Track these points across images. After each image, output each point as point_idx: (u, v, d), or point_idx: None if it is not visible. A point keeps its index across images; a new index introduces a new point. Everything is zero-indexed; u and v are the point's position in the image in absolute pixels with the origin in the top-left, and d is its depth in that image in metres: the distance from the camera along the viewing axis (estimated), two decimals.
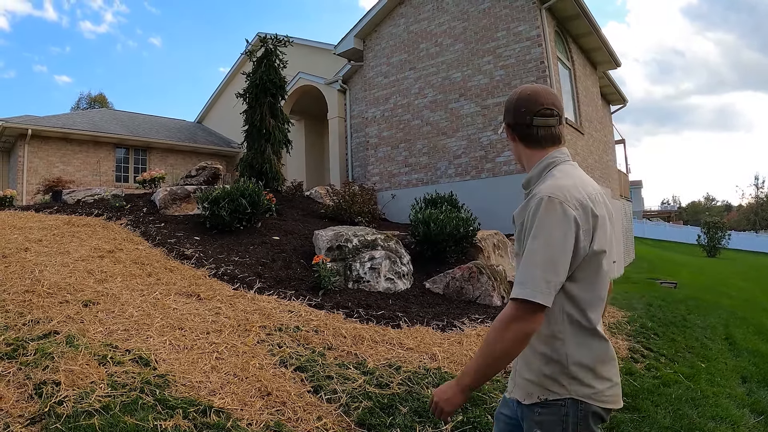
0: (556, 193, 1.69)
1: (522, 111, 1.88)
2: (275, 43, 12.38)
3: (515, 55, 11.29)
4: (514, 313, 1.62)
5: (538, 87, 1.94)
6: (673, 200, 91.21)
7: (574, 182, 1.77)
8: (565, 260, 1.65)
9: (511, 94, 1.97)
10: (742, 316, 9.35)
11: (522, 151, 1.96)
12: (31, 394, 3.24)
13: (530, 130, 1.89)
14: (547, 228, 1.65)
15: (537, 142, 1.90)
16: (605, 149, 15.53)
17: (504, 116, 2.00)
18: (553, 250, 1.64)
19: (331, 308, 5.86)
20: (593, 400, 1.71)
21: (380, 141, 13.78)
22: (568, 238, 1.65)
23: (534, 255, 1.64)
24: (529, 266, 1.63)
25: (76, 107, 48.01)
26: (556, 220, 1.65)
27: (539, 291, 1.59)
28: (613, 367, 1.78)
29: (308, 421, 3.43)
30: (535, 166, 1.90)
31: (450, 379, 4.31)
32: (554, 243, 1.64)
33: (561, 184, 1.74)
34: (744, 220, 63.74)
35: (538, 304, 1.59)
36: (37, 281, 5.35)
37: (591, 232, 1.70)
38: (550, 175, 1.82)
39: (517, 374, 1.89)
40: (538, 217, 1.67)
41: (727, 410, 4.51)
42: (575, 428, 1.70)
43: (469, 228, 8.50)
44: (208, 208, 8.40)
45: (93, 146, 18.16)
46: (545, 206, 1.67)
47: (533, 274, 1.61)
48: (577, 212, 1.67)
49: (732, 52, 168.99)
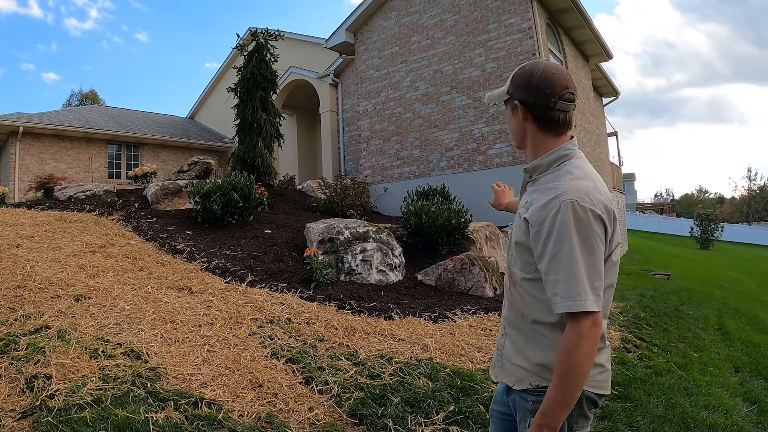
0: (583, 197, 1.64)
1: (547, 91, 1.75)
2: (266, 37, 12.34)
3: (507, 47, 11.29)
4: (577, 329, 1.58)
5: (560, 66, 1.83)
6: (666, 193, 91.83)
7: (595, 184, 1.72)
8: (602, 263, 1.63)
9: (526, 68, 1.83)
10: (735, 307, 9.41)
11: (532, 132, 1.84)
12: (22, 388, 3.25)
13: (551, 113, 1.77)
14: (581, 234, 1.61)
15: (554, 126, 1.80)
16: (598, 142, 15.57)
17: (514, 90, 1.85)
18: (593, 255, 1.61)
19: (322, 300, 5.87)
20: (586, 385, 1.69)
21: (372, 134, 13.77)
22: (601, 242, 1.64)
23: (574, 264, 1.59)
24: (572, 277, 1.58)
25: (67, 104, 47.71)
26: (589, 224, 1.62)
27: (590, 299, 1.57)
28: (605, 353, 1.78)
29: (300, 412, 3.44)
30: (546, 155, 1.82)
31: (442, 369, 4.34)
32: (592, 248, 1.61)
33: (585, 186, 1.68)
34: (737, 212, 64.13)
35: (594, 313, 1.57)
36: (29, 277, 5.34)
37: (612, 233, 1.70)
38: (566, 172, 1.75)
39: (505, 358, 1.87)
40: (567, 222, 1.62)
41: (720, 399, 4.54)
42: (570, 414, 1.69)
43: (461, 220, 8.52)
44: (199, 202, 8.39)
45: (85, 143, 18.09)
46: (574, 210, 1.62)
47: (580, 285, 1.58)
48: (603, 215, 1.65)
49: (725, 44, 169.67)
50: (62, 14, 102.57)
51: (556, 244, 1.62)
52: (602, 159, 15.83)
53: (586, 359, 1.57)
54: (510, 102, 1.89)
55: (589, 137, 14.34)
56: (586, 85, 14.81)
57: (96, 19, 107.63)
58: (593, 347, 1.58)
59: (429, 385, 4.01)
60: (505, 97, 1.91)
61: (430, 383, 4.04)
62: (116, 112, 22.56)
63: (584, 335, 1.56)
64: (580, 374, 1.57)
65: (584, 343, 1.56)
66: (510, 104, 1.89)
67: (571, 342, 1.58)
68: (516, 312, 1.85)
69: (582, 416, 1.73)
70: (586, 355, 1.57)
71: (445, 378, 4.16)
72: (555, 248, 1.63)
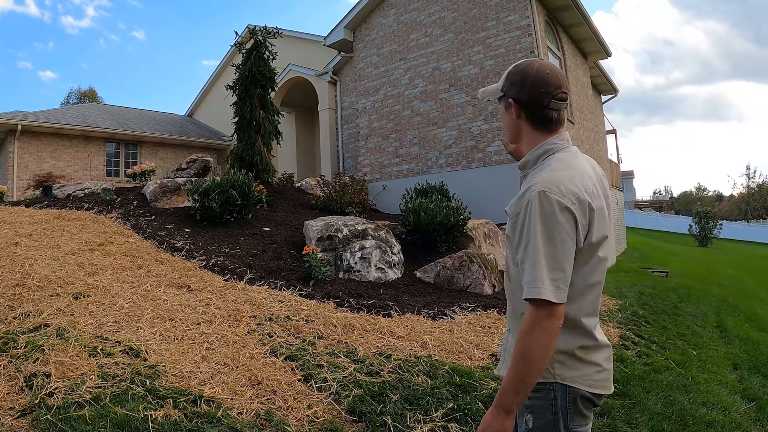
0: (552, 188, 1.65)
1: (541, 91, 1.78)
2: (264, 34, 12.31)
3: (505, 45, 11.28)
4: (532, 315, 1.60)
5: (554, 66, 1.85)
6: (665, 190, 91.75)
7: (571, 174, 1.72)
8: (568, 255, 1.63)
9: (521, 66, 1.84)
10: (734, 305, 9.42)
11: (525, 129, 1.87)
12: (21, 386, 3.25)
13: (544, 112, 1.80)
14: (545, 224, 1.62)
15: (547, 124, 1.82)
16: (596, 139, 15.57)
17: (508, 88, 1.87)
18: (555, 247, 1.62)
19: (321, 298, 5.88)
20: (579, 383, 1.71)
21: (371, 132, 13.76)
22: (567, 234, 1.63)
23: (537, 253, 1.61)
24: (534, 265, 1.61)
25: (66, 102, 47.65)
26: (553, 215, 1.62)
27: (547, 288, 1.57)
28: (602, 353, 1.77)
29: (299, 410, 3.44)
30: (534, 150, 1.84)
31: (441, 366, 4.35)
32: (555, 240, 1.62)
33: (557, 176, 1.69)
34: (736, 209, 64.14)
35: (549, 301, 1.58)
36: (28, 275, 5.34)
37: (587, 226, 1.69)
38: (547, 165, 1.77)
39: (506, 353, 1.89)
40: (534, 212, 1.64)
41: (719, 396, 4.54)
42: (564, 411, 1.70)
43: (459, 217, 8.52)
44: (198, 200, 8.38)
45: (83, 141, 18.05)
46: (541, 201, 1.63)
47: (539, 273, 1.59)
48: (573, 206, 1.65)
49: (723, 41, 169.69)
50: (59, 12, 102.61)
51: (527, 235, 1.66)
52: (601, 156, 15.82)
53: (538, 348, 1.58)
54: (504, 99, 1.91)
55: (588, 135, 14.34)
56: (585, 83, 14.80)
57: (93, 17, 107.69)
58: (547, 338, 1.59)
59: (428, 382, 4.02)
60: (499, 94, 1.92)
61: (428, 380, 4.04)
62: (115, 110, 22.51)
63: (538, 323, 1.59)
64: (530, 361, 1.59)
65: (537, 331, 1.58)
66: (504, 101, 1.91)
67: (525, 327, 1.61)
68: (512, 305, 1.87)
69: (578, 414, 1.73)
70: (537, 343, 1.58)
71: (444, 375, 4.16)
72: (526, 239, 1.66)
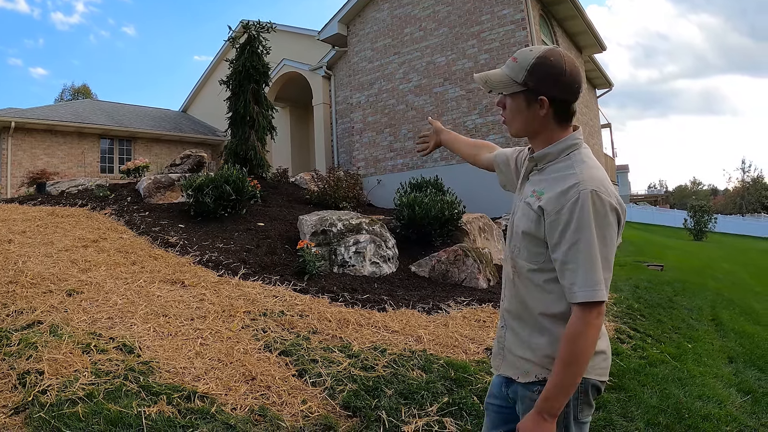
0: (601, 188, 1.64)
1: (576, 87, 1.75)
2: (258, 29, 12.26)
3: (500, 38, 11.28)
4: (583, 317, 1.61)
5: (574, 60, 1.82)
6: (660, 184, 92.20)
7: (605, 175, 1.73)
8: (613, 256, 1.66)
9: (553, 61, 1.74)
10: (729, 298, 9.43)
11: (549, 125, 1.79)
12: (14, 384, 3.23)
13: (572, 107, 1.79)
14: (600, 225, 1.62)
15: (570, 118, 1.81)
16: (591, 133, 15.59)
17: (537, 83, 1.75)
18: (608, 247, 1.63)
19: (316, 293, 5.87)
20: (590, 373, 1.71)
21: (365, 126, 13.74)
22: (615, 235, 1.66)
23: (592, 254, 1.61)
24: (590, 267, 1.60)
25: (60, 99, 47.48)
26: (606, 216, 1.64)
27: (603, 290, 1.60)
28: (604, 340, 1.79)
29: (293, 405, 3.44)
30: (555, 144, 1.79)
31: (436, 360, 4.34)
32: (606, 240, 1.63)
33: (600, 175, 1.69)
34: (730, 203, 64.26)
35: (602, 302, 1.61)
36: (21, 272, 5.31)
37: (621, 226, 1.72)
38: (581, 161, 1.74)
39: (507, 351, 1.86)
40: (587, 212, 1.61)
41: (714, 390, 4.55)
42: (576, 403, 1.71)
43: (454, 211, 8.51)
44: (192, 195, 8.36)
45: (77, 137, 18.00)
46: (594, 202, 1.62)
47: (596, 274, 1.60)
48: (619, 207, 1.67)
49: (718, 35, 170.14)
50: (48, 9, 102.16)
51: (575, 234, 1.62)
52: (596, 150, 15.84)
53: (591, 346, 1.62)
54: (525, 93, 1.78)
55: (583, 128, 14.02)
56: None
57: (82, 13, 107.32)
58: (597, 335, 1.63)
59: (423, 376, 4.02)
60: (517, 88, 1.79)
61: (423, 375, 4.04)
62: (108, 106, 22.43)
63: (591, 323, 1.60)
64: (583, 361, 1.62)
65: (590, 331, 1.61)
66: (525, 95, 1.79)
67: (579, 330, 1.61)
68: (520, 304, 1.83)
69: (587, 405, 1.74)
70: (591, 343, 1.61)
71: (439, 369, 4.16)
72: (574, 237, 1.62)
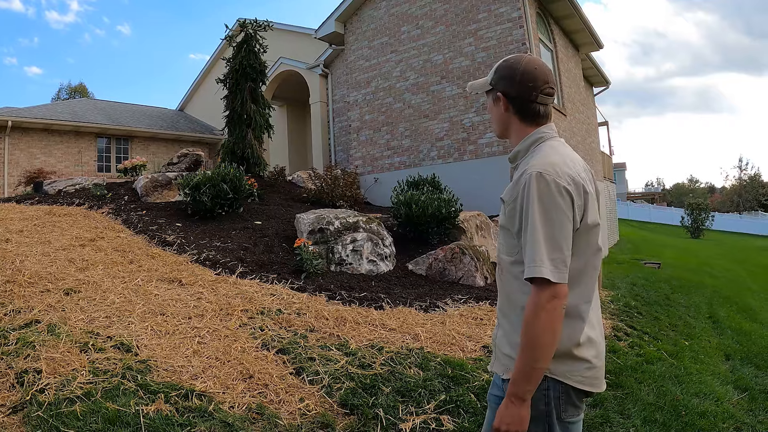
0: (548, 169, 1.68)
1: (529, 86, 1.84)
2: (255, 27, 12.26)
3: (497, 36, 11.26)
4: (535, 299, 1.61)
5: (541, 61, 1.90)
6: (657, 182, 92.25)
7: (563, 159, 1.76)
8: (566, 235, 1.65)
9: (510, 61, 1.91)
10: (726, 296, 9.47)
11: (513, 123, 1.92)
12: (12, 383, 3.24)
13: (532, 106, 1.86)
14: (543, 205, 1.64)
15: (533, 117, 1.88)
16: (588, 131, 15.59)
17: (496, 82, 1.93)
18: (553, 226, 1.63)
19: (313, 291, 5.88)
20: (568, 378, 1.70)
21: (362, 125, 13.73)
22: (564, 215, 1.65)
23: (535, 234, 1.63)
24: (533, 245, 1.62)
25: (56, 98, 47.28)
26: (551, 196, 1.65)
27: (546, 267, 1.59)
28: (592, 349, 1.76)
29: (290, 403, 3.45)
30: (523, 140, 1.89)
31: (433, 358, 4.35)
32: (553, 220, 1.64)
33: (551, 160, 1.73)
34: (728, 201, 64.24)
35: (550, 282, 1.59)
36: (18, 271, 5.31)
37: (583, 207, 1.71)
38: (539, 151, 1.81)
39: (497, 348, 1.88)
40: (532, 194, 1.66)
41: (711, 387, 4.57)
42: (557, 402, 1.70)
43: (451, 209, 8.52)
44: (189, 194, 8.36)
45: (74, 136, 17.95)
46: (538, 183, 1.66)
47: (538, 253, 1.61)
48: (570, 186, 1.68)
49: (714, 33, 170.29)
50: (43, 7, 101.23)
51: (527, 217, 1.68)
52: (593, 148, 15.86)
53: (545, 333, 1.59)
54: (492, 93, 1.97)
55: (580, 126, 14.36)
56: (577, 75, 14.81)
57: (77, 12, 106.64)
58: (553, 320, 1.60)
59: (420, 374, 4.03)
60: (487, 87, 1.98)
61: (421, 372, 4.06)
62: (105, 105, 22.38)
63: (542, 306, 1.59)
64: (538, 347, 1.60)
65: (542, 315, 1.59)
66: (492, 95, 1.97)
67: (530, 311, 1.62)
68: (506, 298, 1.85)
69: (570, 405, 1.72)
70: (544, 329, 1.59)
71: (436, 367, 4.18)
72: (526, 220, 1.68)
